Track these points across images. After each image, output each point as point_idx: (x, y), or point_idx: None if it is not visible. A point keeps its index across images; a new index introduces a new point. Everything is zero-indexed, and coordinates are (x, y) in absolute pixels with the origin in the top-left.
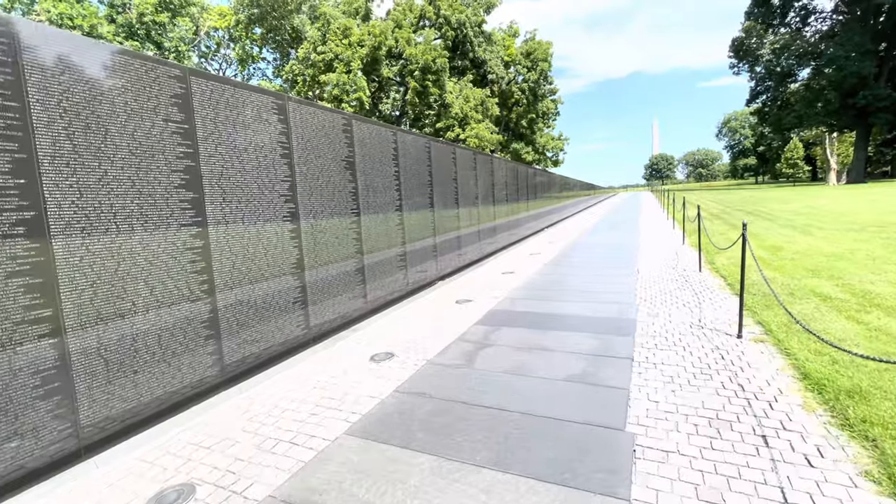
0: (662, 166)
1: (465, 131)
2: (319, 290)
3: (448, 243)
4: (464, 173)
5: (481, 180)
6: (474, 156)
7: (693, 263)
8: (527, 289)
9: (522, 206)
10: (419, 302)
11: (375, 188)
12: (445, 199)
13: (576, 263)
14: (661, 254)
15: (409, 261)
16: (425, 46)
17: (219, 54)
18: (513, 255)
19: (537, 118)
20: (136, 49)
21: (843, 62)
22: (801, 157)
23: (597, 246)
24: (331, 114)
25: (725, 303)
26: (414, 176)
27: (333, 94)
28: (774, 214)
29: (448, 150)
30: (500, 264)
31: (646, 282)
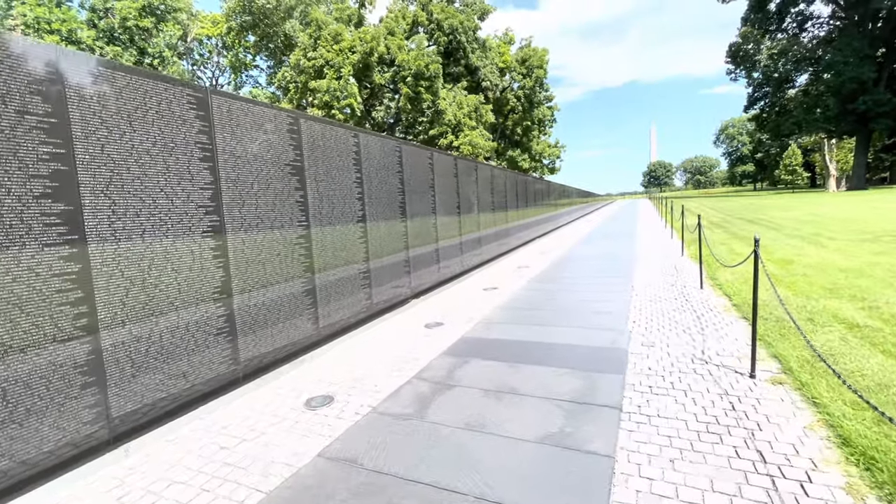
0: (660, 173)
1: (458, 138)
2: (253, 318)
3: (425, 257)
4: (443, 180)
5: (464, 188)
6: (455, 161)
7: (694, 278)
8: (508, 309)
9: (512, 215)
10: (384, 325)
11: (331, 197)
12: (421, 209)
13: (565, 278)
14: (659, 267)
15: (375, 278)
16: (417, 52)
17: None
18: (499, 269)
19: (533, 125)
20: (118, 54)
21: (841, 67)
22: (799, 163)
23: (590, 258)
24: (271, 111)
25: (732, 328)
26: (381, 183)
27: (324, 101)
28: (778, 223)
29: (423, 155)
30: (483, 279)
31: (641, 301)
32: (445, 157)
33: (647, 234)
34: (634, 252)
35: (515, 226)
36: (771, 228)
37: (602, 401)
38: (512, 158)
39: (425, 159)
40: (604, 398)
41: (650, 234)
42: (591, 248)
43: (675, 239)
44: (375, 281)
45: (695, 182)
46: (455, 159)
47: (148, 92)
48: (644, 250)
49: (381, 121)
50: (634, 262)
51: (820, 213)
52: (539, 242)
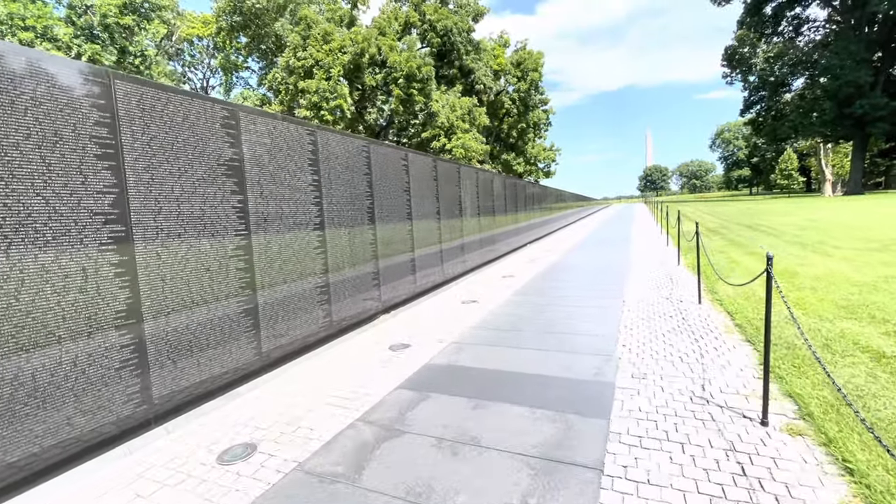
0: (656, 177)
1: (451, 141)
2: (172, 346)
3: (398, 268)
4: (421, 184)
5: (446, 192)
6: (434, 163)
7: (691, 292)
8: (484, 328)
9: (501, 221)
10: (344, 347)
11: (279, 201)
12: (394, 214)
13: (552, 291)
14: (654, 278)
15: (336, 293)
16: (409, 53)
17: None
18: (484, 278)
19: (528, 128)
20: (96, 52)
21: (838, 71)
22: (795, 168)
23: (580, 267)
24: (202, 103)
25: (736, 354)
26: (344, 186)
27: (313, 102)
28: (778, 229)
29: (397, 156)
30: (465, 290)
31: (633, 318)
32: (423, 158)
33: (642, 240)
34: (628, 260)
35: (504, 231)
36: (770, 235)
37: (580, 458)
38: (506, 162)
39: (399, 161)
40: (582, 453)
41: (645, 241)
42: (582, 256)
43: (670, 246)
44: (336, 296)
45: (690, 186)
46: (434, 161)
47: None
48: (638, 258)
49: (373, 123)
50: (627, 271)
51: (820, 218)
52: (529, 249)
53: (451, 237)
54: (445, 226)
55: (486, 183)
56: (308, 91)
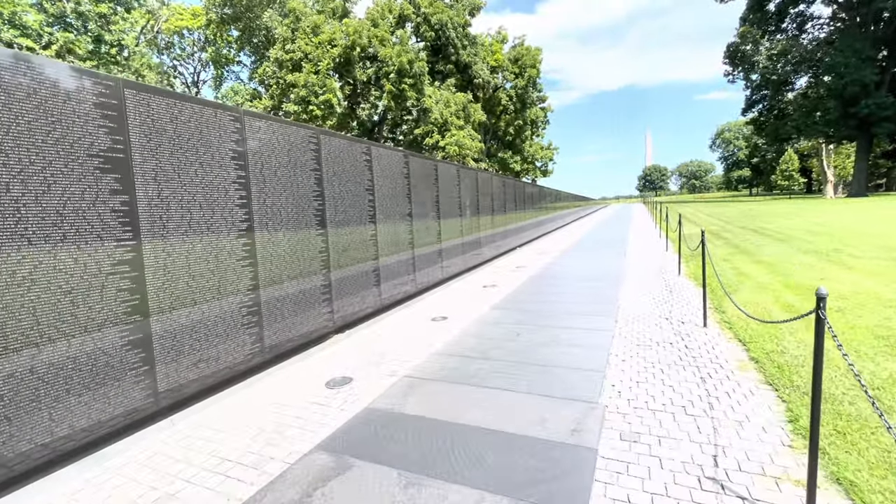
0: (656, 177)
1: (444, 138)
2: (15, 395)
3: (356, 279)
4: (389, 182)
5: (420, 192)
6: (406, 159)
7: (694, 309)
8: (449, 354)
9: (487, 223)
10: (273, 380)
11: (182, 202)
12: (352, 217)
13: (536, 305)
14: (652, 290)
15: (270, 313)
16: (401, 47)
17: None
18: (462, 287)
19: (525, 126)
20: (69, 41)
21: (842, 70)
22: (796, 168)
23: (571, 276)
24: (78, 79)
25: (755, 406)
26: (284, 184)
27: (301, 96)
28: (785, 233)
29: (356, 150)
30: (436, 303)
31: (626, 345)
32: (391, 153)
33: (640, 243)
34: (623, 268)
35: (490, 234)
36: (779, 240)
37: None
38: (503, 160)
39: (360, 155)
40: None
41: (643, 244)
42: (574, 262)
43: (670, 251)
44: (271, 316)
45: (690, 187)
46: (406, 156)
47: None
48: (635, 266)
49: (365, 120)
50: (622, 282)
51: (829, 222)
52: (518, 253)
53: (426, 242)
54: (420, 229)
55: (470, 182)
56: (296, 85)
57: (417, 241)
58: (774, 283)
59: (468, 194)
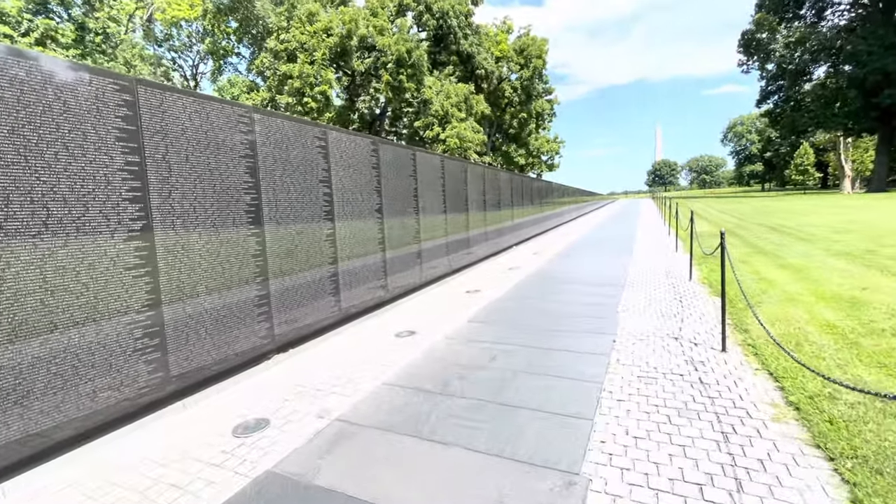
0: (665, 172)
1: (445, 131)
2: None
3: (306, 288)
4: (351, 173)
5: (394, 184)
6: (375, 147)
7: (709, 327)
8: (402, 386)
9: (479, 220)
10: (165, 424)
11: (42, 191)
12: (300, 214)
13: (520, 318)
14: (659, 299)
15: (177, 334)
16: (400, 36)
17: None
18: (442, 294)
19: (530, 118)
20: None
21: (864, 58)
22: (811, 163)
23: (567, 280)
24: None
25: (807, 490)
26: (196, 175)
27: (295, 88)
28: (806, 231)
29: (307, 135)
30: (409, 312)
31: (623, 379)
32: (356, 139)
33: (647, 242)
34: (627, 271)
35: (483, 232)
36: (801, 239)
37: None
38: (507, 154)
39: (312, 140)
40: None
41: (650, 243)
42: (573, 263)
43: (680, 252)
44: (178, 338)
45: (700, 182)
46: (376, 144)
47: None
48: (640, 267)
49: (365, 112)
50: (625, 287)
51: (854, 219)
52: (514, 252)
53: (402, 242)
54: (393, 228)
55: (458, 173)
56: (291, 76)
57: (390, 242)
58: (804, 294)
59: (455, 187)
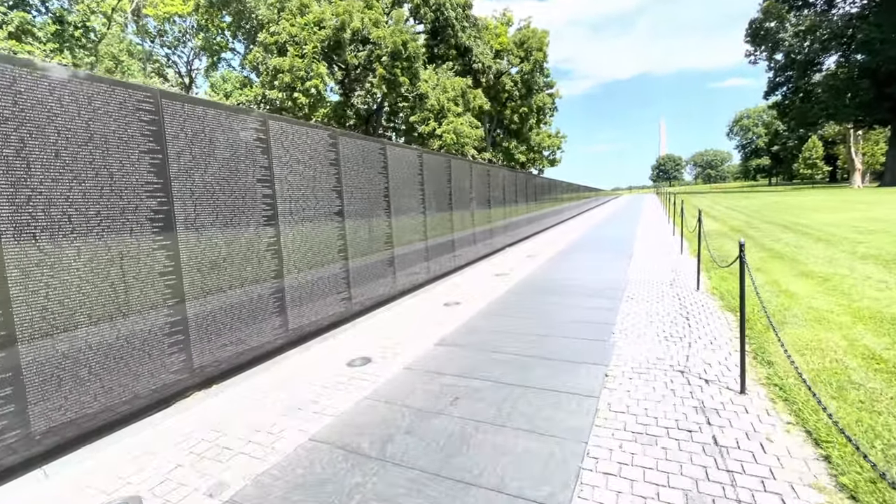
0: (669, 167)
1: (441, 126)
2: None
3: (238, 309)
4: (299, 170)
5: (357, 180)
6: (333, 140)
7: (722, 353)
8: (328, 447)
9: (465, 220)
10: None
11: None
12: (227, 219)
13: (499, 341)
14: (661, 316)
15: (37, 379)
16: (395, 28)
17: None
18: (414, 306)
19: (531, 113)
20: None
21: (878, 46)
22: (820, 156)
23: (557, 290)
24: None
25: None
26: (76, 171)
27: (285, 82)
28: (825, 230)
29: (242, 127)
30: (369, 333)
31: (615, 438)
32: (310, 131)
33: (650, 243)
34: (626, 278)
35: (470, 234)
36: (820, 240)
37: None
38: (507, 150)
39: (249, 134)
40: None
41: (653, 245)
42: (567, 268)
43: (685, 254)
44: (39, 385)
45: (705, 176)
46: (335, 136)
47: None
48: (641, 274)
49: (361, 108)
50: (622, 299)
51: (877, 217)
52: (506, 254)
53: (370, 249)
54: (357, 232)
55: (439, 169)
56: (281, 69)
57: (355, 249)
58: (836, 311)
59: (437, 186)
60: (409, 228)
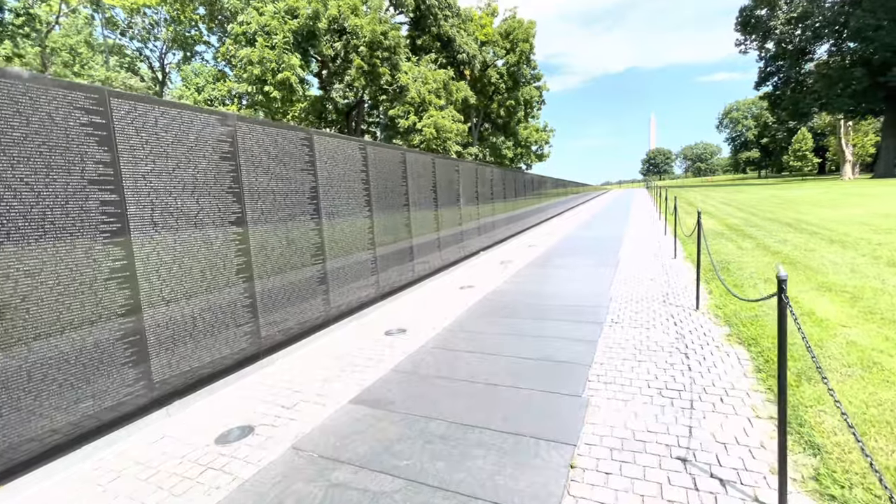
0: (660, 161)
1: (421, 120)
2: None
3: (54, 364)
4: (168, 169)
5: (270, 181)
6: (229, 127)
7: (736, 417)
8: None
9: (426, 224)
10: None
11: None
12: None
13: (428, 405)
14: (652, 352)
15: None
16: (374, 16)
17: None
18: (349, 338)
19: (517, 106)
20: None
21: (871, 33)
22: (809, 148)
23: (520, 316)
24: None
25: None
26: None
27: (255, 75)
28: (835, 229)
29: (74, 104)
30: (272, 382)
31: None
32: (187, 114)
33: (638, 246)
34: (608, 300)
35: (434, 240)
36: (833, 242)
37: None
38: (494, 146)
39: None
40: None
41: (642, 249)
42: (537, 284)
43: (679, 259)
44: None
45: (695, 170)
46: (230, 122)
47: None
48: (627, 291)
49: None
50: (602, 328)
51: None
52: (477, 260)
53: (288, 264)
54: (271, 244)
55: (390, 166)
56: (251, 62)
57: (265, 265)
58: (888, 348)
59: (388, 184)
60: (348, 237)
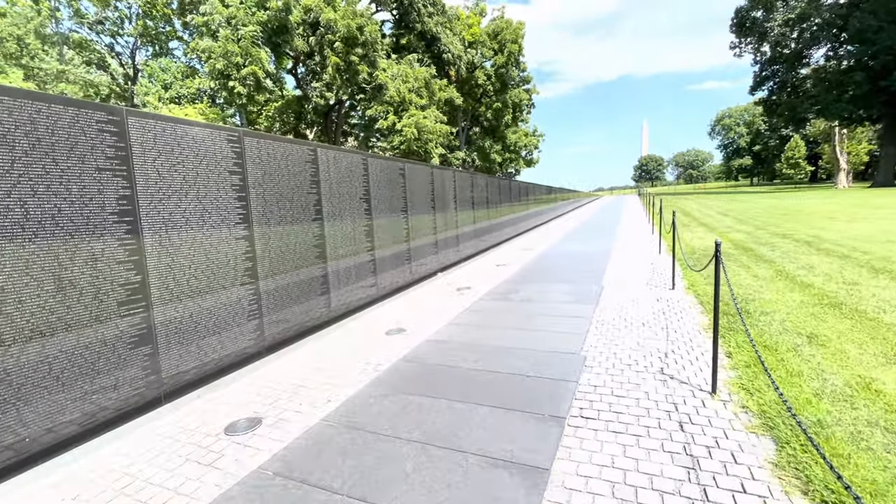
0: (652, 167)
1: (401, 120)
2: None
3: None
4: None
5: (177, 186)
6: (116, 122)
7: None
8: None
9: (385, 235)
10: None
11: None
12: None
13: None
14: (645, 489)
15: None
16: (349, 9)
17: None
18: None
19: (506, 108)
20: None
21: (872, 35)
22: (802, 155)
23: (459, 388)
24: None
25: None
26: None
27: (218, 70)
28: (867, 249)
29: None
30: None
31: None
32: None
33: (628, 266)
34: (584, 351)
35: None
36: (879, 272)
37: None
38: (483, 150)
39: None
40: None
41: (632, 270)
42: (498, 323)
43: (679, 290)
44: None
45: (687, 177)
46: (118, 115)
47: None
48: (609, 358)
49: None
50: (573, 395)
51: None
52: (415, 293)
53: (207, 286)
54: (179, 259)
55: (350, 171)
56: (213, 55)
57: (175, 286)
58: None
59: (345, 189)
60: (292, 250)
